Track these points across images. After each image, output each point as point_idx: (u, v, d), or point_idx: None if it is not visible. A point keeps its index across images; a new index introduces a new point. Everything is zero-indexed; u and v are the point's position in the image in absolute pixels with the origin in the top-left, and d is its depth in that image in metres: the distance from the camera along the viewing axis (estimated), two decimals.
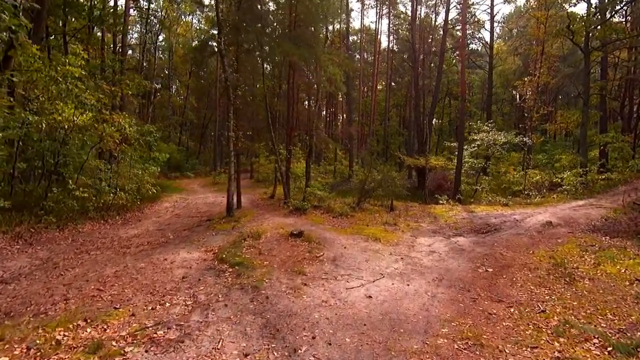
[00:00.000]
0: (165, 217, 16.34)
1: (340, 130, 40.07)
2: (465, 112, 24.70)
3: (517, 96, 45.24)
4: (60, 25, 21.83)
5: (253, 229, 12.16)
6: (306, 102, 30.54)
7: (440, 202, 21.15)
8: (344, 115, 42.93)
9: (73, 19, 22.67)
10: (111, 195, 15.65)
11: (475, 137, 25.15)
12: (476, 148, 25.51)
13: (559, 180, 24.30)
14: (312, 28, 17.00)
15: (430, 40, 36.81)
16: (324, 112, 46.82)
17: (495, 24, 32.38)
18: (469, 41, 44.33)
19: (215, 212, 16.63)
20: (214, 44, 16.03)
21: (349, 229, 13.22)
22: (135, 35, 37.36)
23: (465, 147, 24.83)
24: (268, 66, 18.87)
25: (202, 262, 9.22)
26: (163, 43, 38.46)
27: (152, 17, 31.51)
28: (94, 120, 13.31)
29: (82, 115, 12.77)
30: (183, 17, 39.18)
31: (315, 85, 19.23)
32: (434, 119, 35.32)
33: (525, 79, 29.55)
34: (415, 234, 13.45)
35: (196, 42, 32.46)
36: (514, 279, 8.93)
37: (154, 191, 19.25)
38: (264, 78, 16.42)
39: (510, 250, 11.48)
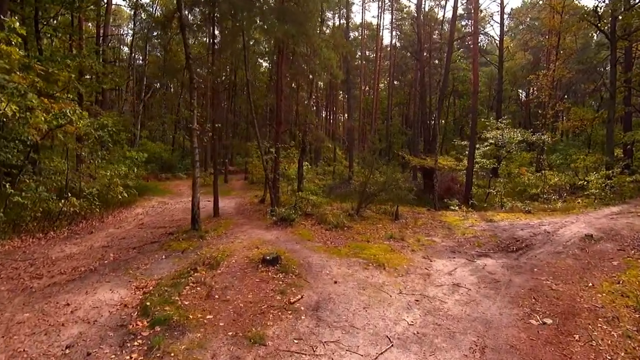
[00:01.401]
0: (126, 227, 12.94)
1: (341, 129, 36.59)
2: (477, 107, 21.27)
3: (526, 93, 41.58)
4: (31, 11, 18.60)
5: (216, 251, 8.72)
6: (297, 94, 27.04)
7: (452, 207, 17.62)
8: (345, 115, 39.45)
9: (46, 5, 19.33)
10: (62, 201, 12.28)
11: (488, 135, 21.59)
12: (488, 147, 21.93)
13: (582, 182, 20.73)
14: (305, 4, 13.49)
15: (435, 36, 33.25)
16: (324, 113, 43.33)
17: (505, 16, 28.78)
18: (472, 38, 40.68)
19: (187, 222, 13.20)
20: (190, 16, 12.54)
21: (344, 248, 9.74)
22: (130, 31, 34.03)
23: (477, 146, 21.28)
24: (254, 47, 15.39)
25: (116, 313, 5.77)
26: (159, 40, 35.08)
27: (140, 11, 28.07)
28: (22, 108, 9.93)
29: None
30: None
31: (310, 75, 15.71)
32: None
33: (540, 72, 25.99)
34: (429, 253, 9.95)
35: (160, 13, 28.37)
36: (593, 343, 5.44)
37: (125, 195, 15.91)
38: (246, 62, 12.94)
39: (559, 281, 8.04)
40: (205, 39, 23.51)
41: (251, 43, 15.35)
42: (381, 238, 11.38)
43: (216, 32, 13.03)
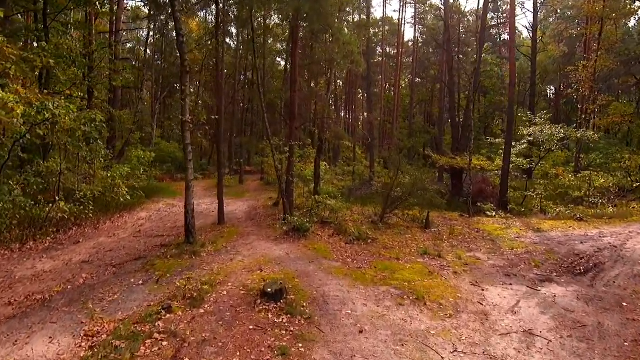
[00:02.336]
0: (120, 236, 11.03)
1: (360, 128, 34.16)
2: (514, 100, 18.49)
3: (556, 89, 38.07)
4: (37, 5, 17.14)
5: (207, 274, 6.62)
6: (314, 85, 24.75)
7: (488, 213, 15.08)
8: (365, 114, 36.94)
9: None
10: (48, 206, 10.50)
11: (524, 132, 18.82)
12: (525, 145, 19.17)
13: (635, 184, 17.84)
14: None
15: (460, 30, 30.40)
16: (343, 112, 40.89)
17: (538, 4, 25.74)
18: (500, 31, 37.56)
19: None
20: None
21: (370, 271, 7.47)
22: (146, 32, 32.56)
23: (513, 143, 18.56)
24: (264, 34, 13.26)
25: None
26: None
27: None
28: None
29: None
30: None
31: (327, 65, 13.45)
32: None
33: (580, 63, 22.92)
34: (477, 277, 7.59)
35: None
36: None
37: (129, 197, 14.11)
38: (254, 47, 10.81)
39: None
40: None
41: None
42: (413, 254, 9.06)
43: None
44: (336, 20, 11.31)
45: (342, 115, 39.36)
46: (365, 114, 35.60)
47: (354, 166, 25.14)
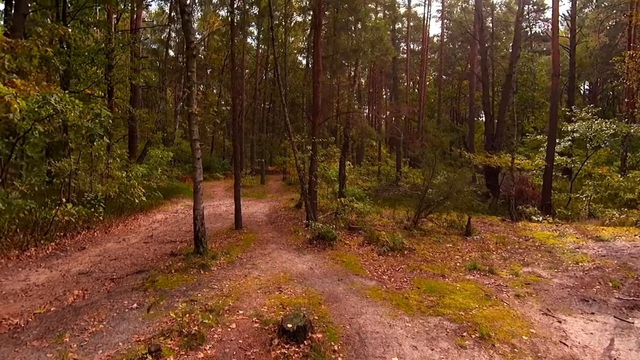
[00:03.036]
0: (129, 241, 9.91)
1: (383, 127, 32.38)
2: (558, 93, 16.40)
3: (592, 83, 35.10)
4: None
5: (214, 298, 5.29)
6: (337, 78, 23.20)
7: (533, 218, 13.27)
8: (387, 113, 35.10)
9: None
10: (54, 208, 9.49)
11: (568, 128, 16.75)
12: (569, 142, 17.06)
13: None
14: None
15: (490, 22, 28.22)
16: (366, 111, 39.15)
17: None
18: (531, 24, 34.96)
19: (209, 232, 9.96)
20: None
21: (413, 293, 5.95)
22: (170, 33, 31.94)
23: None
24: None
25: None
26: (198, 36, 32.71)
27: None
28: None
29: None
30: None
31: (352, 54, 11.93)
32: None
33: (626, 53, 20.51)
34: (547, 303, 5.95)
35: None
36: None
37: (144, 199, 13.10)
38: (273, 37, 9.44)
39: None
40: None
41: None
42: (459, 269, 7.47)
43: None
44: (363, 3, 9.78)
45: (365, 113, 37.67)
46: (388, 112, 33.85)
47: (380, 166, 23.49)
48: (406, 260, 7.78)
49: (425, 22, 30.16)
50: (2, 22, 15.46)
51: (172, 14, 24.64)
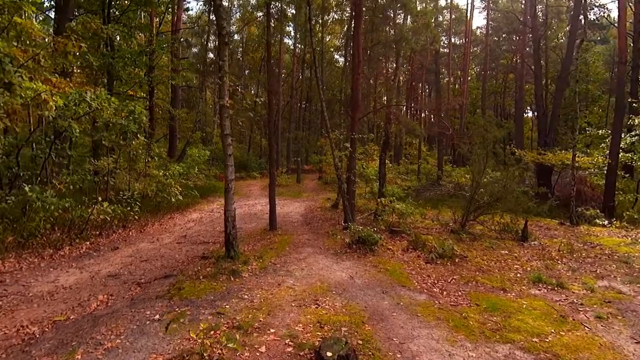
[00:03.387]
0: (163, 241, 9.56)
1: (422, 125, 30.76)
2: (624, 82, 14.48)
3: None
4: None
5: (244, 310, 4.61)
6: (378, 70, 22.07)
7: (598, 222, 11.64)
8: (426, 112, 33.39)
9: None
10: (91, 207, 9.34)
11: (636, 121, 14.73)
12: (638, 137, 15.00)
13: None
14: None
15: (538, 11, 25.89)
16: (404, 109, 37.57)
17: None
18: (587, 9, 31.83)
19: (242, 233, 9.42)
20: None
21: (473, 313, 4.94)
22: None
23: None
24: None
25: None
26: (236, 37, 32.85)
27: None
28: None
29: None
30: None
31: (395, 44, 10.92)
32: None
33: None
34: (637, 326, 4.74)
35: None
36: None
37: (180, 198, 12.94)
38: (310, 30, 8.69)
39: None
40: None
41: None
42: (522, 281, 6.33)
43: None
44: None
45: (403, 110, 36.15)
46: (427, 111, 32.17)
47: (419, 164, 22.15)
48: (458, 269, 6.75)
49: (468, 13, 28.34)
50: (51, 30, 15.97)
51: (211, 16, 24.79)
